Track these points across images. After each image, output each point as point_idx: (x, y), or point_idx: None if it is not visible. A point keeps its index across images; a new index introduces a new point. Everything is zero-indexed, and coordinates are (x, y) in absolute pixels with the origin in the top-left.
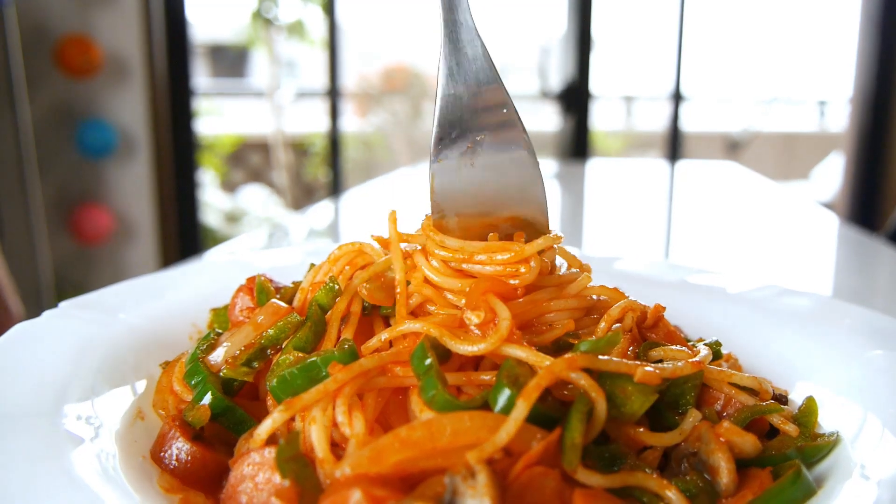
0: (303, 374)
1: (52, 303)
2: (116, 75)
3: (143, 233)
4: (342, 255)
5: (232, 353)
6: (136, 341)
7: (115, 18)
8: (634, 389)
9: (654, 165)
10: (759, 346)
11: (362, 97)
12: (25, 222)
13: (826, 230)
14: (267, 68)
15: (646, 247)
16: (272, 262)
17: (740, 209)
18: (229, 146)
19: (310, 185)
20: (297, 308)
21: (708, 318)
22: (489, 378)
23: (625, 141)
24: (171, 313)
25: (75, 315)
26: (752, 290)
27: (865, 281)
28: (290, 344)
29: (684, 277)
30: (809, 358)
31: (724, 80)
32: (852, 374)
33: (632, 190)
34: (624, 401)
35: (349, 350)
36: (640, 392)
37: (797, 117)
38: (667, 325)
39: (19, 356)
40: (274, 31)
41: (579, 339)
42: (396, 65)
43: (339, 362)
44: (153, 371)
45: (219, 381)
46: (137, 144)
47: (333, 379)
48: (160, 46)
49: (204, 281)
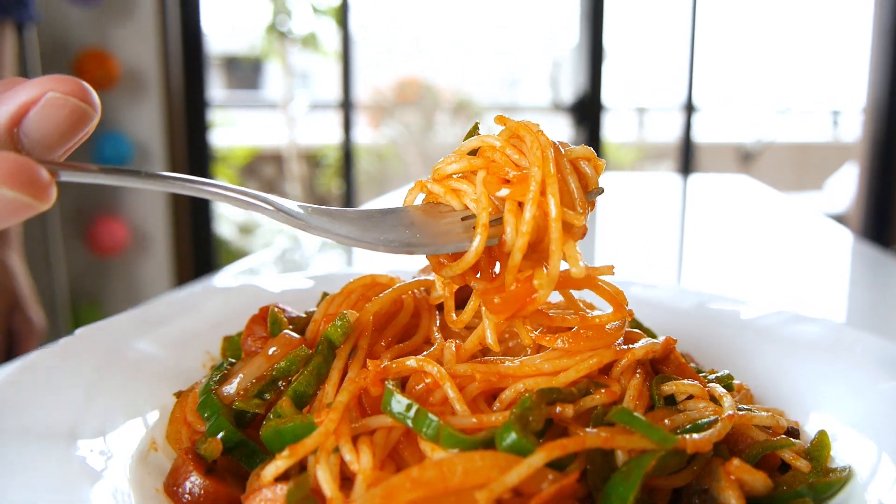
0: (295, 429)
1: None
2: (133, 88)
3: (158, 245)
4: (355, 288)
5: (244, 386)
6: (150, 370)
7: (132, 32)
8: (670, 453)
9: (666, 179)
10: (771, 375)
11: (375, 109)
12: (43, 234)
13: (840, 246)
14: (281, 80)
15: (658, 266)
16: (284, 286)
17: (753, 225)
18: (243, 158)
19: (323, 196)
20: (309, 340)
21: (720, 345)
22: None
23: (638, 152)
24: (184, 340)
25: (91, 343)
26: (764, 315)
27: (880, 299)
28: (291, 388)
29: (696, 303)
30: (821, 388)
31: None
32: (864, 406)
33: (644, 206)
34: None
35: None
36: (675, 455)
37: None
38: (678, 358)
39: (35, 385)
40: (288, 43)
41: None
42: (409, 77)
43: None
44: (167, 401)
45: (231, 414)
46: (153, 156)
47: (331, 419)
48: (176, 59)
49: (216, 307)
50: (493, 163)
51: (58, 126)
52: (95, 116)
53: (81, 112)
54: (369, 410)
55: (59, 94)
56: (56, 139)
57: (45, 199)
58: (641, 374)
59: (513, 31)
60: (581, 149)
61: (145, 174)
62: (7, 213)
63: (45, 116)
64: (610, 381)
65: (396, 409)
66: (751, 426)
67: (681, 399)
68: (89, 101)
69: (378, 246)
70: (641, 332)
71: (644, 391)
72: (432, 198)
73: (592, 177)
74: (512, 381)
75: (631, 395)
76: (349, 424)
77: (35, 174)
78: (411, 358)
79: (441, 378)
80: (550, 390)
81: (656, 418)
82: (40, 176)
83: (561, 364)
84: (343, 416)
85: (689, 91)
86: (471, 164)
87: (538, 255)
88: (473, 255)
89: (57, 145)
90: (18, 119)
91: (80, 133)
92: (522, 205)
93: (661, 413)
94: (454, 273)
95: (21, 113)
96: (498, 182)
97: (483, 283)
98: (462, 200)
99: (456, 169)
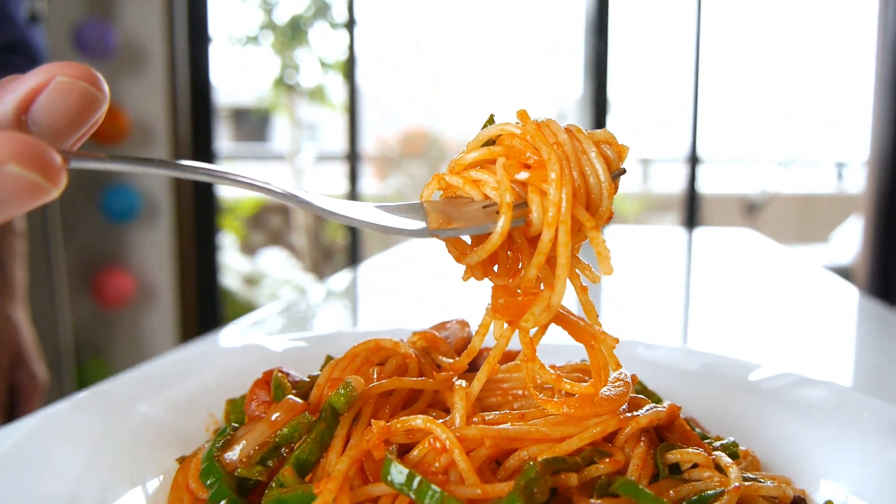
0: (296, 499)
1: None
2: (142, 141)
3: (163, 296)
4: (359, 352)
5: (247, 452)
6: (152, 433)
7: (142, 87)
8: None
9: (670, 233)
10: (777, 440)
11: (381, 161)
12: (48, 284)
13: (845, 303)
14: (288, 132)
15: (662, 324)
16: (287, 346)
17: (759, 281)
18: (250, 209)
19: (328, 247)
20: (312, 405)
21: (725, 409)
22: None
23: (642, 203)
24: (188, 402)
25: (93, 406)
26: (770, 377)
27: (886, 360)
28: (294, 456)
29: (701, 364)
30: (828, 455)
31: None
32: (871, 474)
33: (648, 261)
34: None
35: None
36: None
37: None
38: (683, 425)
39: (36, 454)
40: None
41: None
42: (415, 128)
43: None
44: (169, 465)
45: (234, 481)
46: (160, 208)
47: (329, 490)
48: (184, 111)
49: (220, 368)
50: (512, 149)
51: (67, 111)
52: (105, 102)
53: (91, 96)
54: (371, 478)
55: (67, 78)
56: (65, 125)
57: (56, 181)
58: (646, 442)
59: (517, 81)
60: (602, 132)
61: (158, 161)
62: (17, 194)
63: (53, 101)
64: (614, 449)
65: (397, 479)
66: (757, 497)
67: (686, 468)
68: (98, 85)
69: (401, 231)
70: (646, 398)
71: (648, 460)
72: (451, 190)
73: (615, 160)
74: (519, 445)
75: (635, 464)
76: (348, 493)
77: (46, 153)
78: (418, 417)
79: (452, 445)
80: (555, 460)
81: (661, 489)
82: (51, 156)
83: (567, 431)
84: (342, 485)
85: (693, 142)
86: (490, 151)
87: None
88: (500, 236)
89: (67, 132)
90: (26, 106)
91: (89, 119)
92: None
93: (666, 483)
94: (480, 257)
95: (29, 99)
96: (518, 166)
97: (503, 277)
98: (482, 190)
99: (475, 157)
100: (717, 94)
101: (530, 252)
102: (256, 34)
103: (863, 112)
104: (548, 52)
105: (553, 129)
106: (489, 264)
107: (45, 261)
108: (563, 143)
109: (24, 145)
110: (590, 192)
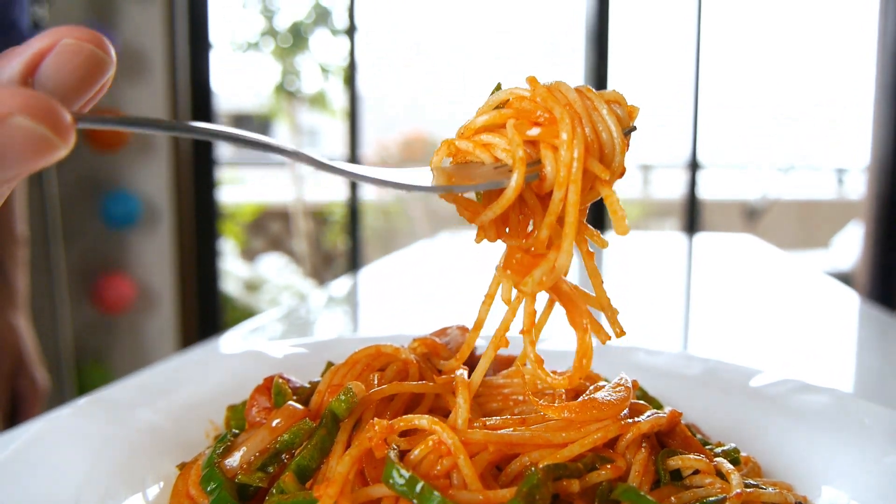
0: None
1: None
2: (142, 147)
3: (164, 302)
4: (360, 358)
5: (248, 459)
6: (153, 440)
7: (143, 92)
8: None
9: (671, 239)
10: (779, 446)
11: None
12: (48, 290)
13: (846, 309)
14: (288, 138)
15: (663, 329)
16: (288, 351)
17: (760, 287)
18: (250, 214)
19: (329, 253)
20: (313, 411)
21: (727, 414)
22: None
23: (642, 209)
24: (188, 408)
25: (94, 412)
26: (771, 384)
27: (887, 366)
28: (294, 462)
29: (703, 370)
30: (829, 461)
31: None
32: (873, 480)
33: (649, 267)
34: None
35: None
36: None
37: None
38: (684, 431)
39: (37, 460)
40: (296, 102)
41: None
42: (415, 133)
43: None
44: (169, 471)
45: (234, 487)
46: (160, 214)
47: (328, 495)
48: (185, 118)
49: (221, 374)
50: (522, 111)
51: (73, 73)
52: (111, 65)
53: (98, 59)
54: (370, 480)
55: (73, 40)
56: (72, 88)
57: (65, 137)
58: (647, 448)
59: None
60: (612, 92)
61: (167, 123)
62: (25, 149)
63: (60, 63)
64: (615, 455)
65: (398, 482)
66: (759, 503)
67: (687, 474)
68: (105, 48)
69: (416, 187)
70: (647, 404)
71: (650, 466)
72: (461, 155)
73: (625, 118)
74: (521, 450)
75: (637, 470)
76: (349, 495)
77: (55, 107)
78: (423, 417)
79: (457, 450)
80: (556, 466)
81: (662, 495)
82: (60, 111)
83: (568, 436)
84: (342, 488)
85: (694, 148)
86: (501, 114)
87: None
88: (514, 190)
89: (74, 95)
90: (33, 68)
91: (96, 82)
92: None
93: (668, 490)
94: (495, 213)
95: (35, 62)
96: (529, 125)
97: (515, 238)
98: (493, 153)
99: (485, 120)
100: (717, 100)
101: (542, 212)
102: (257, 40)
103: (863, 118)
104: (548, 58)
105: (563, 90)
106: (501, 226)
107: (45, 267)
108: (573, 102)
109: (34, 98)
110: (603, 148)
